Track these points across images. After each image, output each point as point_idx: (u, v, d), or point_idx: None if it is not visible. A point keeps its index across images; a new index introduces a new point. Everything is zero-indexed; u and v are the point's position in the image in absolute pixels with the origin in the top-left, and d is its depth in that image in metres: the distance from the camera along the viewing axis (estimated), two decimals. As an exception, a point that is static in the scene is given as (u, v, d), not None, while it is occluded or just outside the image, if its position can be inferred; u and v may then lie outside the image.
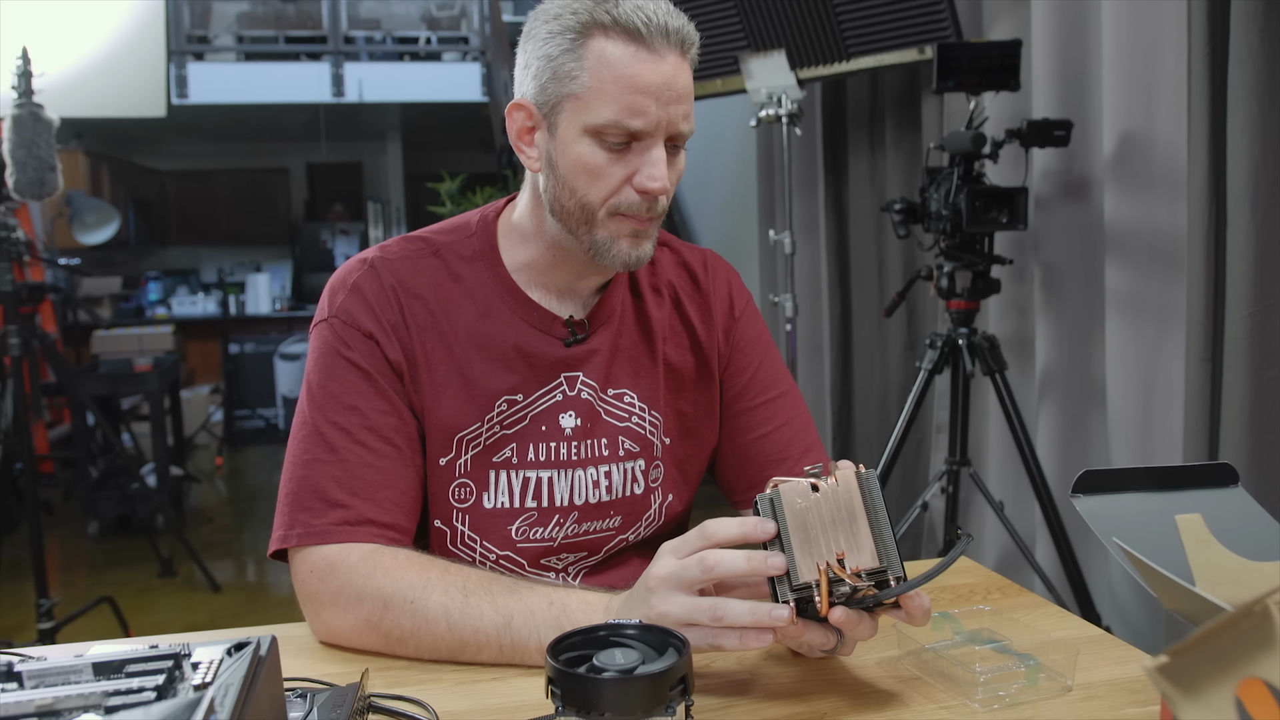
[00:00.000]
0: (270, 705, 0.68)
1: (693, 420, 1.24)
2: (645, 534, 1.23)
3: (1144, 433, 2.40)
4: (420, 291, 1.13)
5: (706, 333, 1.24)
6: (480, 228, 1.19)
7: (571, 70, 1.03)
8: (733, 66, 3.29)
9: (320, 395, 1.09)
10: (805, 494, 0.86)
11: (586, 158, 1.04)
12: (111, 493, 4.70)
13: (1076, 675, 0.89)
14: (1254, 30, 1.92)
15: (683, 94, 1.04)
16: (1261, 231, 1.96)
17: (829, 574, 0.81)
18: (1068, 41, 2.59)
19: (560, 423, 1.15)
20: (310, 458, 1.07)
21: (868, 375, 3.83)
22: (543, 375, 1.15)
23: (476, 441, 1.13)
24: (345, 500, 1.05)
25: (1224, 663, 0.50)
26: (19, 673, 0.63)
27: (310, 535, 1.04)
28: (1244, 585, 0.66)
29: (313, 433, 1.08)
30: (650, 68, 1.02)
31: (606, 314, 1.19)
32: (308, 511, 1.05)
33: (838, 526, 0.84)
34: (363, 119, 8.02)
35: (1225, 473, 0.80)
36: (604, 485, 1.17)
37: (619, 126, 1.02)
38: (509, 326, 1.14)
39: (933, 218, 2.55)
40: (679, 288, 1.25)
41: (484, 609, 0.96)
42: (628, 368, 1.20)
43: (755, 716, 0.85)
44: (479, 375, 1.12)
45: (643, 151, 1.04)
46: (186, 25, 6.95)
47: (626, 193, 1.05)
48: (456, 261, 1.16)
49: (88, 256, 6.51)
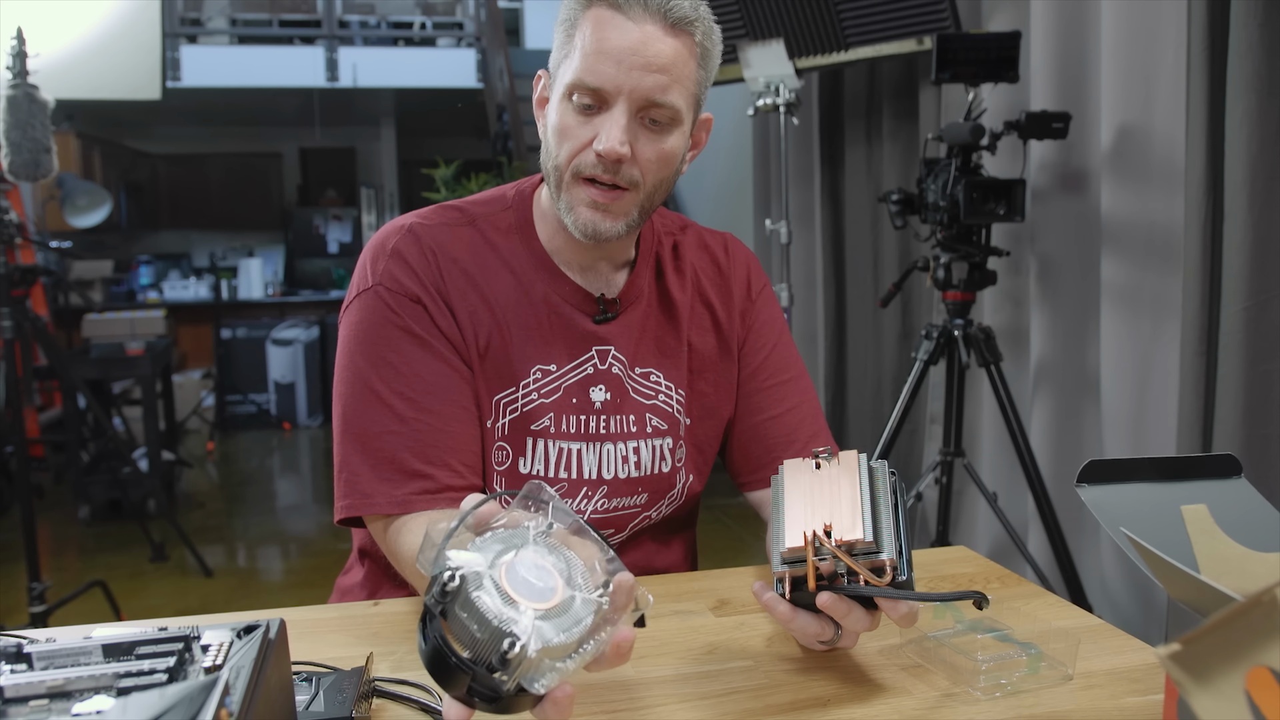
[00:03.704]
0: (280, 688, 0.68)
1: (712, 401, 1.25)
2: (666, 513, 1.25)
3: (1138, 425, 2.41)
4: (458, 256, 1.15)
5: (726, 314, 1.26)
6: (516, 201, 1.21)
7: (569, 37, 1.07)
8: (730, 55, 3.29)
9: (380, 365, 1.10)
10: (808, 470, 0.89)
11: (560, 117, 1.08)
12: (103, 477, 4.68)
13: (1077, 664, 0.90)
14: (1254, 24, 1.92)
15: (654, 63, 1.04)
16: (1258, 225, 1.97)
17: (814, 544, 0.82)
18: (1067, 34, 2.59)
19: (591, 396, 1.17)
20: (380, 429, 1.08)
21: (862, 366, 3.84)
22: (574, 348, 1.17)
23: (514, 406, 1.15)
24: (424, 470, 1.07)
25: (1234, 651, 0.51)
26: (29, 654, 0.63)
27: (393, 504, 1.06)
28: (1249, 575, 0.66)
29: (378, 403, 1.08)
30: (618, 32, 1.03)
31: (635, 294, 1.20)
32: (386, 482, 1.06)
33: (833, 502, 0.85)
34: (357, 104, 7.98)
35: (1229, 464, 0.80)
36: (633, 461, 1.19)
37: (581, 85, 1.04)
38: (544, 298, 1.16)
39: (930, 209, 2.55)
40: (700, 270, 1.26)
41: None
42: (654, 347, 1.21)
43: (759, 703, 0.85)
44: (516, 341, 1.14)
45: (605, 114, 1.05)
46: (180, 8, 6.90)
47: (588, 154, 1.06)
48: (492, 232, 1.18)
49: (79, 239, 6.48)
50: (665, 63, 1.04)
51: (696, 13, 1.07)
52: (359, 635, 1.01)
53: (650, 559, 1.26)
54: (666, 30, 1.05)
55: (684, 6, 1.06)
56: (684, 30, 1.06)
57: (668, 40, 1.05)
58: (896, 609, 0.83)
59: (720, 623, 1.03)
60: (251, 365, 7.29)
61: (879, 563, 0.82)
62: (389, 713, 0.84)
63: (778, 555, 0.85)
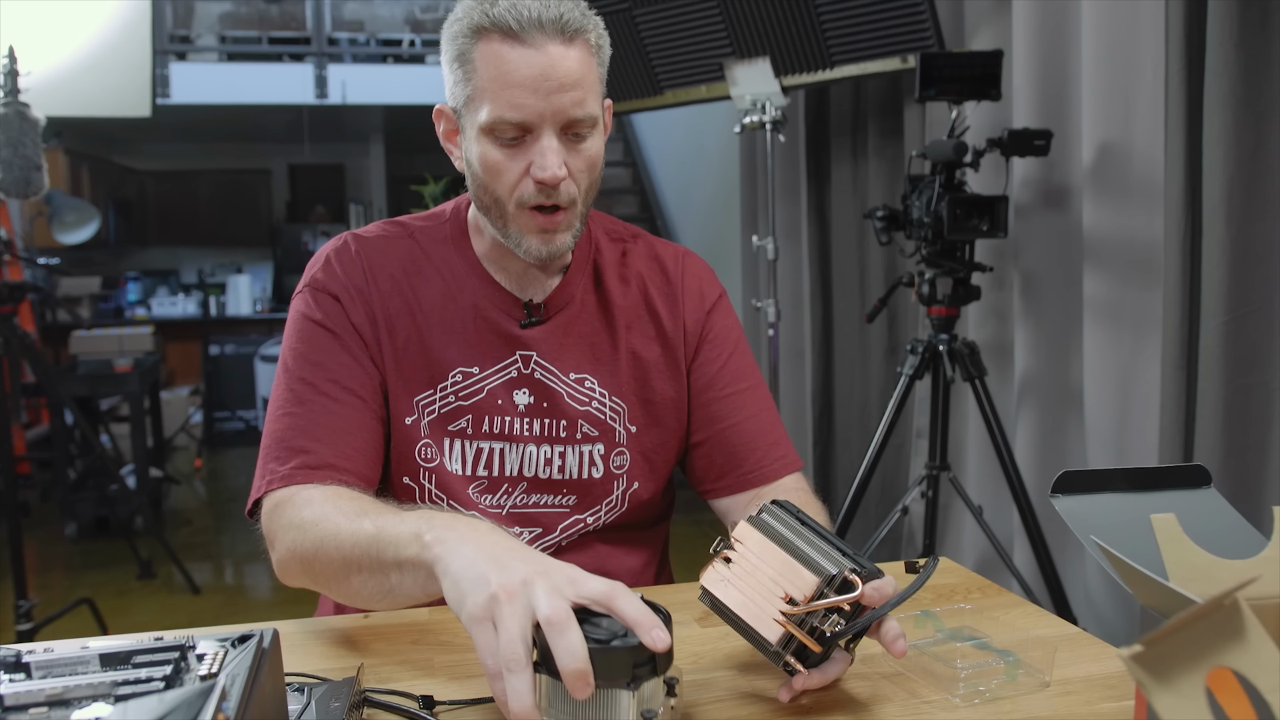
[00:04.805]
0: (273, 696, 0.70)
1: (659, 409, 1.27)
2: (607, 519, 1.26)
3: (1120, 438, 2.44)
4: (389, 264, 1.20)
5: (673, 323, 1.27)
6: (453, 214, 1.27)
7: (467, 73, 1.09)
8: (717, 73, 3.32)
9: (291, 356, 1.16)
10: (725, 574, 0.88)
11: (486, 156, 1.10)
12: (90, 494, 4.67)
13: (1054, 671, 0.91)
14: (1229, 44, 1.96)
15: (566, 82, 1.06)
16: (1236, 241, 2.00)
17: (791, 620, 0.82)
18: (1048, 53, 2.63)
19: (514, 399, 1.21)
20: (280, 413, 1.13)
21: (849, 380, 3.86)
22: (498, 351, 1.21)
23: (431, 407, 1.19)
24: (308, 446, 1.10)
25: (1195, 652, 0.53)
26: (27, 663, 0.64)
27: (276, 480, 1.09)
28: (1216, 581, 0.68)
29: (284, 390, 1.15)
30: (524, 61, 1.05)
31: (564, 300, 1.24)
32: (275, 460, 1.10)
33: (769, 577, 0.85)
34: (346, 120, 8.00)
35: (1198, 474, 0.82)
36: (556, 464, 1.22)
37: (503, 122, 1.07)
38: (470, 304, 1.21)
39: (914, 225, 2.58)
40: (647, 278, 1.28)
41: (364, 526, 0.95)
42: (587, 353, 1.24)
43: (741, 711, 0.87)
44: (437, 345, 1.19)
45: (534, 143, 1.08)
46: (169, 25, 6.92)
47: (526, 185, 1.10)
48: (428, 243, 1.23)
49: (67, 256, 6.47)
50: (576, 78, 1.07)
51: (583, 13, 1.10)
52: (349, 647, 1.02)
53: (602, 563, 1.26)
54: (566, 43, 1.06)
55: (574, 14, 1.08)
56: (580, 36, 1.08)
57: (570, 53, 1.07)
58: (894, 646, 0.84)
59: (705, 634, 1.04)
60: (240, 382, 7.29)
61: (843, 581, 0.83)
62: (379, 722, 0.85)
63: (771, 653, 0.84)
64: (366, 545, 0.93)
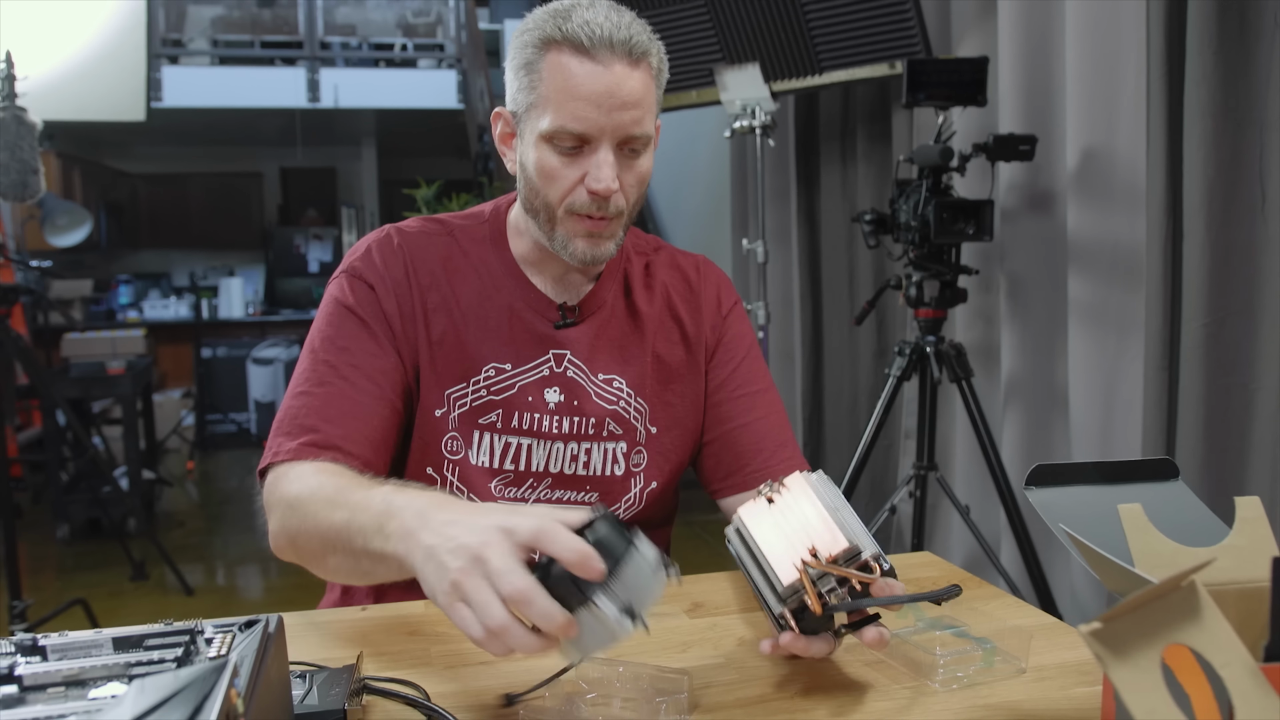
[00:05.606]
0: (279, 680, 0.72)
1: (679, 412, 1.31)
2: (624, 516, 1.29)
3: (1104, 438, 2.48)
4: (429, 260, 1.23)
5: (695, 329, 1.32)
6: (492, 215, 1.30)
7: (533, 81, 1.13)
8: (708, 78, 3.35)
9: (318, 337, 1.19)
10: (765, 509, 0.93)
11: (543, 161, 1.14)
12: (82, 496, 4.68)
13: (1030, 658, 0.95)
14: (1209, 52, 2.00)
15: (629, 101, 1.10)
16: (1216, 245, 2.04)
17: (808, 570, 0.86)
18: (1033, 59, 2.67)
19: (545, 396, 1.24)
20: (299, 390, 1.16)
21: (838, 382, 3.90)
22: (532, 350, 1.24)
23: (464, 401, 1.22)
24: (318, 425, 1.12)
25: (1152, 629, 0.56)
26: (43, 646, 0.67)
27: (282, 454, 1.11)
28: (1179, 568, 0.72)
29: (306, 369, 1.17)
30: (592, 77, 1.09)
31: (596, 304, 1.28)
32: (285, 435, 1.13)
33: (803, 526, 0.90)
34: (338, 124, 8.03)
35: (1167, 467, 0.86)
36: (582, 461, 1.26)
37: (564, 131, 1.11)
38: (506, 303, 1.24)
39: (902, 229, 2.61)
40: (671, 286, 1.33)
41: (338, 512, 0.96)
42: (616, 354, 1.28)
43: (729, 697, 0.90)
44: (472, 341, 1.22)
45: (591, 154, 1.12)
46: (162, 29, 6.93)
47: (579, 193, 1.14)
48: (467, 242, 1.27)
49: (59, 259, 6.47)
50: (638, 98, 1.11)
51: (649, 37, 1.14)
52: (348, 638, 1.05)
53: None
54: (631, 65, 1.11)
55: (640, 37, 1.12)
56: (644, 59, 1.13)
57: (634, 75, 1.11)
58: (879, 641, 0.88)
59: (694, 624, 1.07)
60: (232, 384, 7.30)
61: (863, 562, 0.87)
62: (378, 708, 0.88)
63: (773, 596, 0.88)
64: (339, 530, 0.95)
